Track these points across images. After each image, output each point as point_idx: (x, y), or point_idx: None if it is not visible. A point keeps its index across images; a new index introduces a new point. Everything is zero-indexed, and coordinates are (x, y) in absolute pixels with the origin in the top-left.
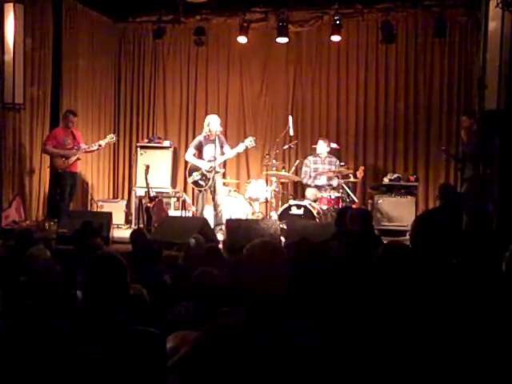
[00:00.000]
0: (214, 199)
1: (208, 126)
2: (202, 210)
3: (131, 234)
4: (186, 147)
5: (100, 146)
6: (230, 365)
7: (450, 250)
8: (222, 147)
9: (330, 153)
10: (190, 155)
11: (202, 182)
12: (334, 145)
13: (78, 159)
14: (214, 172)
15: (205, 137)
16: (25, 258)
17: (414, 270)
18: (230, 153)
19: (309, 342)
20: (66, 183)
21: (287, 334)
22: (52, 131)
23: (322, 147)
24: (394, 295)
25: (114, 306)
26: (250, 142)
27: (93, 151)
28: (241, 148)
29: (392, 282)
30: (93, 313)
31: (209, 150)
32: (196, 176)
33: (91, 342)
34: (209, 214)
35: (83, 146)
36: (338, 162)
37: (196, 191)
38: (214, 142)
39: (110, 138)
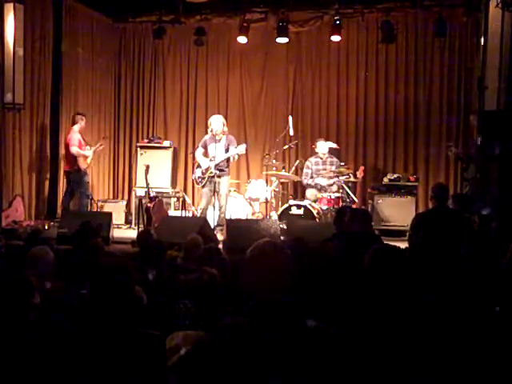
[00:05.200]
0: (218, 200)
1: (210, 125)
2: (205, 208)
3: (139, 236)
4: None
5: (101, 145)
6: (232, 365)
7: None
8: (227, 148)
9: (329, 152)
10: (198, 153)
11: (199, 180)
12: (333, 145)
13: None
14: (209, 172)
15: (210, 136)
16: (27, 258)
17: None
18: (222, 156)
19: (312, 341)
20: (88, 181)
21: (291, 334)
22: (72, 132)
23: (323, 147)
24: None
25: (118, 309)
26: (241, 149)
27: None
28: (231, 153)
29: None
30: (95, 315)
31: (211, 150)
32: (197, 174)
33: (92, 343)
34: (209, 214)
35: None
36: (338, 162)
37: (200, 190)
38: (218, 141)
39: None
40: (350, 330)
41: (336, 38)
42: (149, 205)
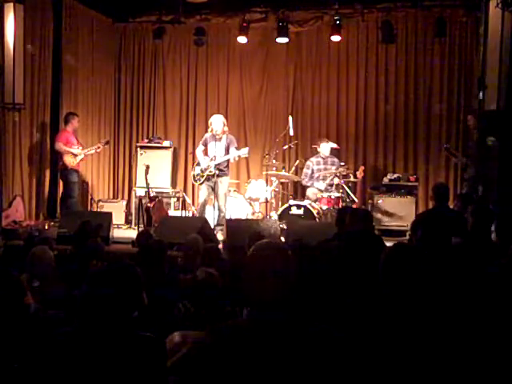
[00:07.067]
0: (217, 201)
1: (210, 125)
2: (202, 206)
3: (139, 236)
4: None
5: (98, 147)
6: (233, 365)
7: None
8: (227, 148)
9: (331, 153)
10: (198, 151)
11: (197, 178)
12: (333, 145)
13: (82, 159)
14: (208, 171)
15: (210, 135)
16: (27, 257)
17: (422, 271)
18: (223, 157)
19: (311, 342)
20: (74, 180)
21: (291, 335)
22: (61, 131)
23: (326, 149)
24: (402, 295)
25: (120, 313)
26: (244, 152)
27: (91, 154)
28: (233, 155)
29: (400, 282)
30: (96, 317)
31: (211, 149)
32: (196, 171)
33: (91, 345)
34: (209, 214)
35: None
36: (339, 163)
37: (198, 187)
38: (218, 140)
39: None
40: (355, 331)
41: (336, 38)
42: (149, 205)
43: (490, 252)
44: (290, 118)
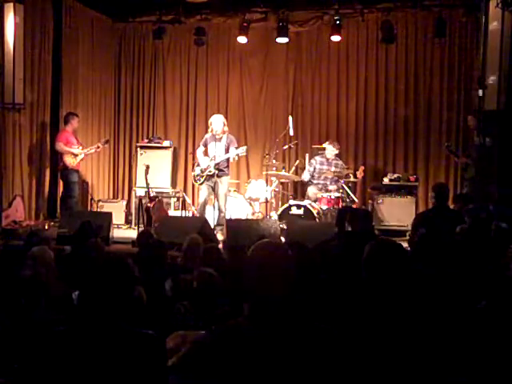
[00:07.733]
0: (217, 200)
1: (210, 125)
2: (202, 205)
3: (139, 236)
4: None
5: (98, 147)
6: (233, 365)
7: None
8: (227, 148)
9: (337, 155)
10: (199, 152)
11: (197, 178)
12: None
13: (82, 159)
14: (207, 171)
15: (210, 135)
16: (27, 258)
17: (406, 271)
18: (222, 156)
19: (310, 342)
20: (74, 180)
21: (291, 335)
22: (61, 131)
23: (330, 151)
24: (386, 294)
25: (116, 309)
26: (242, 150)
27: (91, 153)
28: (231, 154)
29: (383, 281)
30: (92, 315)
31: (211, 149)
32: (196, 171)
33: (88, 344)
34: (209, 214)
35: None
36: (343, 165)
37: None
38: (218, 140)
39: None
40: (351, 329)
41: (336, 38)
42: (149, 205)
43: (489, 251)
44: (290, 118)
